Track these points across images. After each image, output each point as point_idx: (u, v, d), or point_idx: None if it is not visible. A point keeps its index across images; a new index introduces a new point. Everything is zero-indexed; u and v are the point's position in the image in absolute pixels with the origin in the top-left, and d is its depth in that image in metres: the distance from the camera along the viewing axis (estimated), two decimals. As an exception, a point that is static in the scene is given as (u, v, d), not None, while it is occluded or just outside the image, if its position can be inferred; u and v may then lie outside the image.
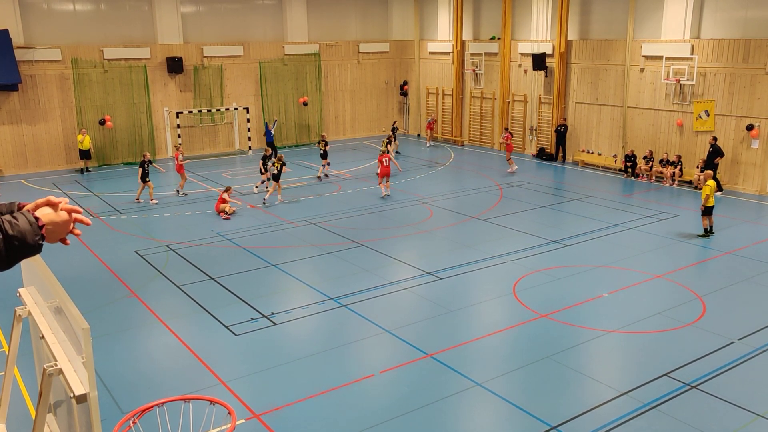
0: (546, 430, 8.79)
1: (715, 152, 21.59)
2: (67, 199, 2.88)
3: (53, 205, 2.77)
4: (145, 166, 21.03)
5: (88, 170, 26.28)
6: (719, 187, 21.51)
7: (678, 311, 12.54)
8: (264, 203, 20.64)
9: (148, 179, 21.09)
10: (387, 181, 21.65)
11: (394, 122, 30.42)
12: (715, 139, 21.71)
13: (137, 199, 21.34)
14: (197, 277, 14.66)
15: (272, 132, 27.86)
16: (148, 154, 21.55)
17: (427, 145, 31.67)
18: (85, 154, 25.98)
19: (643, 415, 9.09)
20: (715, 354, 10.84)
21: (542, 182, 23.79)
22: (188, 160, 24.68)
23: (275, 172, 20.99)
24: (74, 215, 2.80)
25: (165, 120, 28.82)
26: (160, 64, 28.33)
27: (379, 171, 21.53)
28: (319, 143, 25.11)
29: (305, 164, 27.48)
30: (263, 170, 22.35)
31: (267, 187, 21.88)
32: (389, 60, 34.84)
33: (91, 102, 27.03)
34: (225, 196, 19.46)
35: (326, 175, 24.77)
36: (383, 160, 21.28)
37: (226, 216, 19.28)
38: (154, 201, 21.28)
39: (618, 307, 12.79)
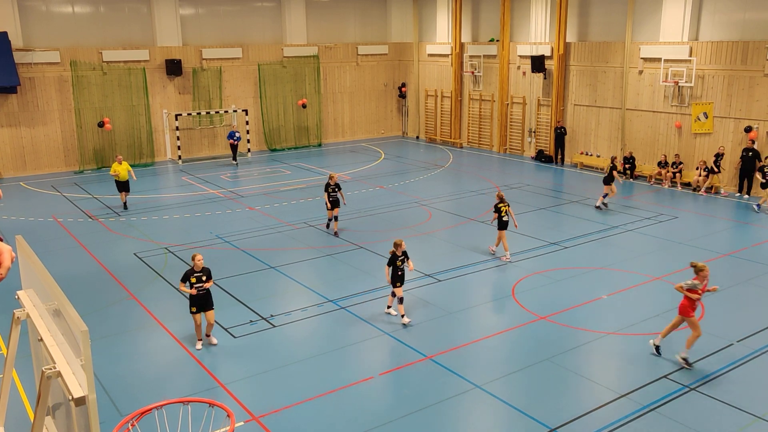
0: (545, 433, 8.79)
1: (755, 156, 20.80)
2: (13, 256, 3.16)
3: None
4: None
5: (125, 207, 20.66)
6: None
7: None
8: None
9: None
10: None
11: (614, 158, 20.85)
12: (753, 142, 20.94)
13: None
14: (196, 279, 14.63)
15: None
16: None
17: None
18: (123, 186, 20.47)
19: (642, 417, 9.09)
20: (715, 356, 10.85)
21: (541, 184, 23.79)
22: None
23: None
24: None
25: (164, 122, 28.81)
26: (159, 67, 28.33)
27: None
28: None
29: (304, 166, 27.48)
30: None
31: None
32: (388, 62, 34.85)
33: (90, 104, 27.00)
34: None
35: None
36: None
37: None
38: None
39: (617, 309, 12.78)
